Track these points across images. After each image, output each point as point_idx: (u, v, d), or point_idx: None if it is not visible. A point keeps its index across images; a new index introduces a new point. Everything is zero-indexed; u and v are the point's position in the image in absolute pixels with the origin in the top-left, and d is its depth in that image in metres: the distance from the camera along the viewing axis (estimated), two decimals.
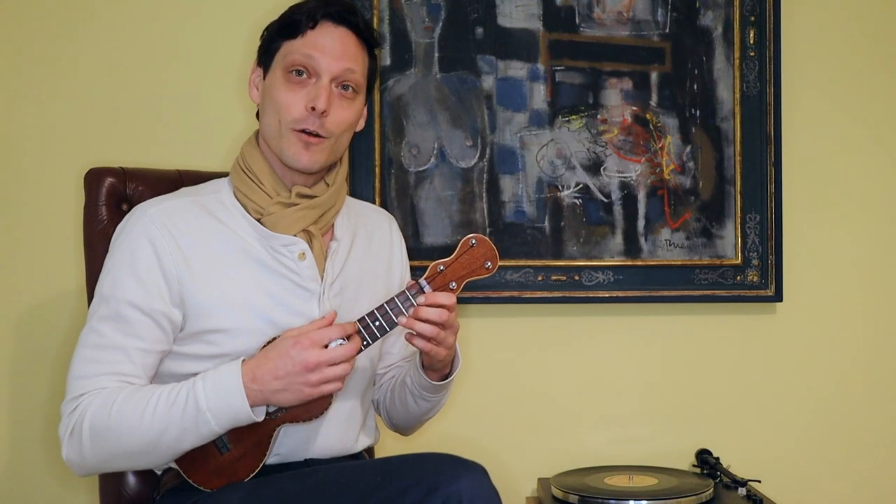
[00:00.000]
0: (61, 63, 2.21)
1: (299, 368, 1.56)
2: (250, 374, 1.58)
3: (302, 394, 1.57)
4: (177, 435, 1.57)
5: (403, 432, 1.99)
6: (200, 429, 1.57)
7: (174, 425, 1.57)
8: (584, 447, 2.31)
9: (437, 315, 1.64)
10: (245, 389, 1.57)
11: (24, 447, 2.20)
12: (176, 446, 1.59)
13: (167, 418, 1.57)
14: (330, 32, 1.72)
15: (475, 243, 1.69)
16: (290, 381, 1.57)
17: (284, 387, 1.57)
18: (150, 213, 1.69)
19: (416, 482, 1.49)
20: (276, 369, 1.57)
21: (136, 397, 1.58)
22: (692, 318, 2.34)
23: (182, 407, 1.57)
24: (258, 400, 1.58)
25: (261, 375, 1.57)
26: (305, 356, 1.56)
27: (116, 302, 1.64)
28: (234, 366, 1.59)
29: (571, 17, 2.28)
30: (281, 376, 1.57)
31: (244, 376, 1.57)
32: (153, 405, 1.57)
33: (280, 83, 1.71)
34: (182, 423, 1.57)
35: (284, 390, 1.57)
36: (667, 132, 2.30)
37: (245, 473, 1.64)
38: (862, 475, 2.37)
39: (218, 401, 1.57)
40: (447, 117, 2.27)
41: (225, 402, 1.57)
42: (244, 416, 1.58)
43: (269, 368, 1.57)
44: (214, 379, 1.58)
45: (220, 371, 1.59)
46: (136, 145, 2.22)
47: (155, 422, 1.56)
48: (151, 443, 1.58)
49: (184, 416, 1.57)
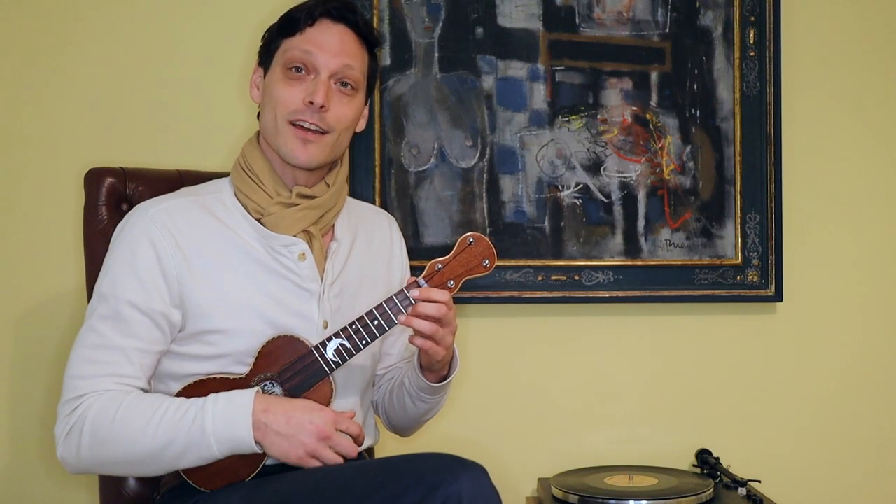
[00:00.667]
0: (61, 63, 2.21)
1: (311, 429, 1.58)
2: (264, 405, 1.58)
3: (296, 451, 1.58)
4: (178, 452, 1.58)
5: (402, 434, 1.99)
6: (202, 451, 1.58)
7: (177, 443, 1.57)
8: (584, 447, 2.31)
9: (435, 310, 1.65)
10: (254, 419, 1.57)
11: (24, 447, 2.20)
12: (175, 462, 1.60)
13: (171, 434, 1.57)
14: (328, 29, 1.73)
15: (473, 242, 1.69)
16: (296, 433, 1.58)
17: (289, 434, 1.58)
18: (150, 212, 1.69)
19: (416, 482, 1.49)
20: (290, 416, 1.58)
21: (141, 407, 1.58)
22: (692, 318, 2.34)
23: (188, 427, 1.57)
24: (259, 434, 1.58)
25: (274, 411, 1.58)
26: (323, 425, 1.58)
27: (115, 301, 1.64)
28: (248, 396, 1.59)
29: (571, 17, 2.28)
30: (293, 424, 1.58)
31: (256, 405, 1.58)
32: (158, 418, 1.57)
33: (279, 79, 1.72)
34: (186, 441, 1.57)
35: (285, 437, 1.58)
36: (667, 132, 2.30)
37: (245, 473, 1.64)
38: (862, 475, 2.37)
39: (224, 428, 1.57)
40: (447, 117, 2.27)
41: (230, 432, 1.57)
42: (247, 447, 1.58)
43: (285, 411, 1.58)
44: (225, 406, 1.58)
45: (232, 399, 1.59)
46: (136, 145, 2.22)
47: (158, 435, 1.57)
48: (151, 455, 1.58)
49: (188, 436, 1.57)
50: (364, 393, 1.84)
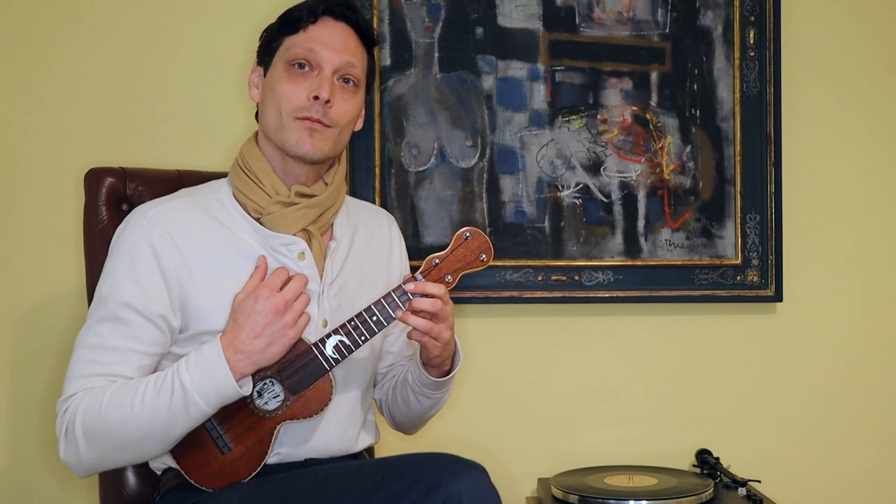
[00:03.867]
0: (61, 63, 2.21)
1: (272, 316, 1.59)
2: (231, 347, 1.59)
3: (286, 337, 1.60)
4: (167, 420, 1.57)
5: (406, 431, 1.99)
6: (190, 410, 1.57)
7: (163, 411, 1.57)
8: (584, 447, 2.31)
9: (430, 305, 1.65)
10: (229, 363, 1.57)
11: (24, 447, 2.20)
12: (168, 432, 1.59)
13: (156, 406, 1.57)
14: (330, 27, 1.74)
15: (469, 236, 1.70)
16: (270, 331, 1.59)
17: (268, 340, 1.59)
18: (149, 215, 1.69)
19: (416, 482, 1.49)
20: (253, 329, 1.59)
21: (124, 391, 1.59)
22: (692, 318, 2.34)
23: (169, 392, 1.57)
24: (247, 368, 1.59)
25: (241, 342, 1.59)
26: (271, 303, 1.60)
27: (115, 304, 1.65)
28: (214, 343, 1.60)
29: (571, 17, 2.28)
30: (259, 332, 1.59)
31: (225, 351, 1.58)
32: (141, 395, 1.57)
33: (282, 76, 1.72)
34: (171, 407, 1.57)
35: (270, 344, 1.59)
36: (667, 132, 2.30)
37: (246, 473, 1.64)
38: (862, 475, 2.37)
39: (203, 379, 1.57)
40: (447, 117, 2.27)
41: (211, 380, 1.57)
42: (231, 390, 1.58)
43: (246, 332, 1.59)
44: (197, 360, 1.58)
45: (201, 351, 1.60)
46: (136, 145, 2.22)
47: (145, 411, 1.57)
48: (143, 432, 1.58)
49: (172, 401, 1.57)
50: (364, 390, 1.84)
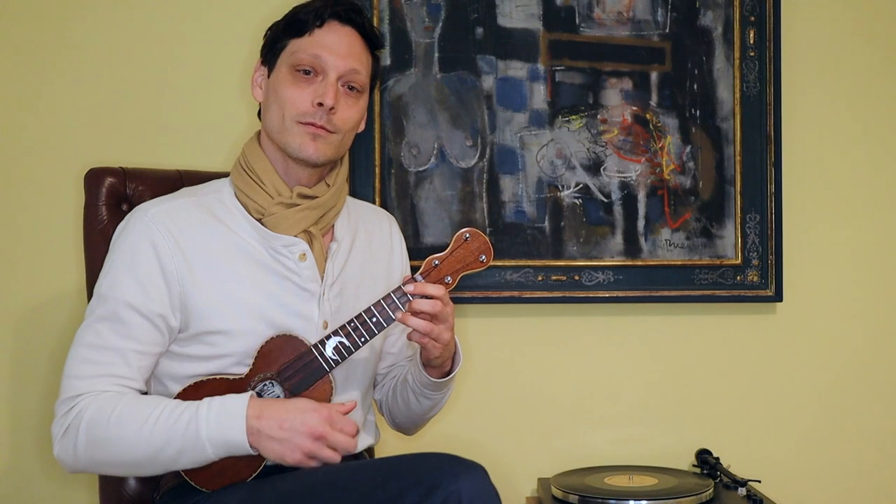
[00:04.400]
0: (61, 63, 2.21)
1: (306, 430, 1.57)
2: (257, 411, 1.58)
3: (293, 454, 1.58)
4: (173, 455, 1.58)
5: (406, 432, 1.99)
6: (196, 455, 1.58)
7: (172, 446, 1.57)
8: (584, 447, 2.31)
9: (430, 306, 1.65)
10: (247, 425, 1.57)
11: (24, 447, 2.20)
12: (171, 464, 1.60)
13: (166, 437, 1.57)
14: (336, 31, 1.73)
15: (469, 237, 1.70)
16: (291, 436, 1.57)
17: (283, 438, 1.57)
18: (150, 213, 1.69)
19: (416, 482, 1.49)
20: (284, 420, 1.57)
21: (137, 409, 1.58)
22: (692, 318, 2.34)
23: (183, 430, 1.57)
24: (253, 438, 1.58)
25: (268, 416, 1.57)
26: (317, 425, 1.57)
27: (114, 302, 1.64)
28: (241, 399, 1.59)
29: (571, 17, 2.28)
30: (286, 428, 1.57)
31: (249, 410, 1.57)
32: (153, 421, 1.57)
33: (286, 80, 1.72)
34: (181, 445, 1.57)
35: (280, 441, 1.57)
36: (667, 132, 2.30)
37: (247, 474, 1.64)
38: (862, 475, 2.37)
39: (219, 432, 1.57)
40: (447, 117, 2.27)
41: (225, 435, 1.57)
42: (241, 450, 1.58)
43: (279, 415, 1.57)
44: (220, 410, 1.58)
45: (226, 403, 1.59)
46: (137, 145, 2.22)
47: (154, 438, 1.57)
48: (147, 458, 1.58)
49: (183, 439, 1.57)
50: (365, 391, 1.84)
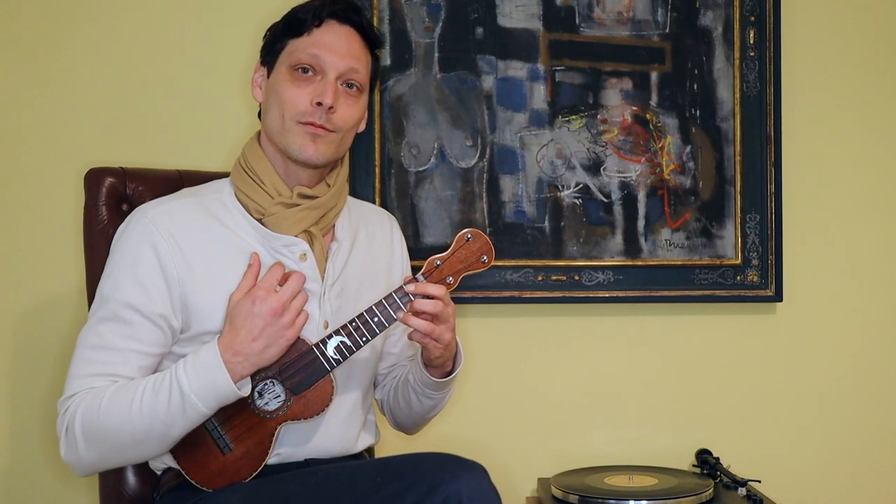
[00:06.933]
0: (61, 63, 2.21)
1: (270, 318, 1.59)
2: (228, 349, 1.58)
3: (284, 339, 1.60)
4: (166, 421, 1.57)
5: (408, 431, 1.99)
6: (188, 412, 1.57)
7: (162, 413, 1.57)
8: (584, 447, 2.31)
9: (431, 307, 1.65)
10: (227, 365, 1.57)
11: (24, 447, 2.20)
12: (167, 433, 1.59)
13: (154, 407, 1.57)
14: (335, 30, 1.73)
15: (470, 238, 1.70)
16: (268, 333, 1.59)
17: (266, 342, 1.59)
18: (150, 214, 1.69)
19: (416, 482, 1.49)
20: (251, 331, 1.58)
21: (123, 392, 1.59)
22: (692, 318, 2.34)
23: (167, 394, 1.57)
24: (246, 370, 1.59)
25: (239, 344, 1.58)
26: (269, 305, 1.59)
27: (116, 304, 1.65)
28: (211, 346, 1.59)
29: (571, 17, 2.29)
30: (257, 335, 1.58)
31: (223, 353, 1.58)
32: (139, 397, 1.57)
33: (285, 80, 1.72)
34: (169, 409, 1.57)
35: (268, 346, 1.59)
36: (667, 132, 2.30)
37: (247, 473, 1.64)
38: (862, 475, 2.37)
39: (201, 382, 1.57)
40: (447, 117, 2.27)
41: (208, 382, 1.57)
42: (229, 392, 1.58)
43: (244, 334, 1.58)
44: (194, 361, 1.58)
45: (199, 353, 1.59)
46: (137, 145, 2.22)
47: (143, 412, 1.57)
48: (142, 433, 1.58)
49: (170, 403, 1.57)
50: (365, 391, 1.84)
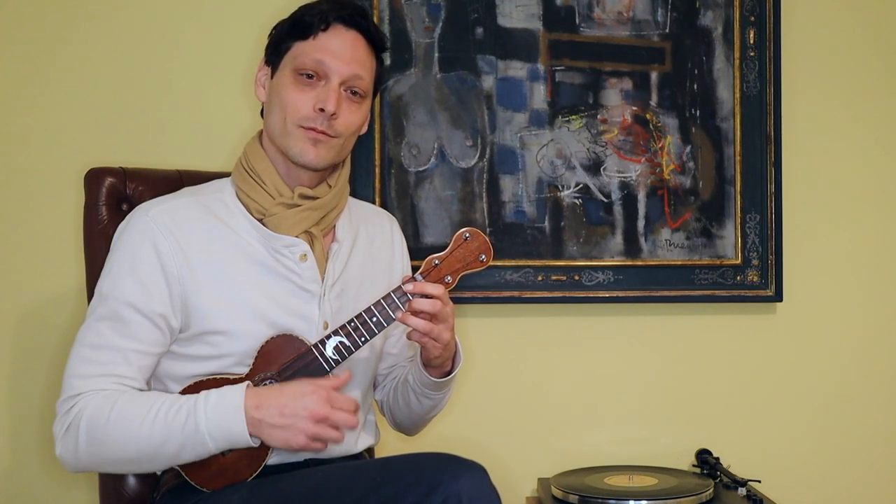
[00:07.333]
0: (61, 63, 2.21)
1: (307, 414, 1.57)
2: (255, 401, 1.57)
3: (297, 439, 1.57)
4: (175, 450, 1.58)
5: (407, 432, 1.99)
6: (197, 448, 1.58)
7: (173, 441, 1.57)
8: (584, 447, 2.31)
9: (430, 306, 1.65)
10: (247, 416, 1.56)
11: (24, 447, 2.20)
12: (173, 459, 1.60)
13: (166, 432, 1.57)
14: (341, 35, 1.73)
15: (469, 237, 1.70)
16: (293, 422, 1.56)
17: (285, 425, 1.57)
18: (151, 213, 1.69)
19: (416, 482, 1.49)
20: (284, 406, 1.57)
21: (136, 405, 1.58)
22: (692, 318, 2.34)
23: (182, 424, 1.57)
24: (254, 429, 1.57)
25: (267, 405, 1.57)
26: (318, 407, 1.57)
27: (115, 302, 1.64)
28: (238, 390, 1.59)
29: (571, 17, 2.28)
30: (287, 414, 1.56)
31: (247, 400, 1.57)
32: (152, 416, 1.57)
33: (289, 83, 1.71)
34: (181, 439, 1.57)
35: (283, 428, 1.57)
36: (667, 132, 2.30)
37: (247, 473, 1.64)
38: (862, 475, 2.37)
39: (218, 424, 1.56)
40: (447, 117, 2.27)
41: (225, 427, 1.57)
42: (242, 441, 1.58)
43: (278, 403, 1.57)
44: (217, 402, 1.58)
45: (223, 394, 1.59)
46: (137, 145, 2.22)
47: (154, 434, 1.57)
48: (148, 454, 1.58)
49: (183, 433, 1.57)
50: (365, 391, 1.84)
